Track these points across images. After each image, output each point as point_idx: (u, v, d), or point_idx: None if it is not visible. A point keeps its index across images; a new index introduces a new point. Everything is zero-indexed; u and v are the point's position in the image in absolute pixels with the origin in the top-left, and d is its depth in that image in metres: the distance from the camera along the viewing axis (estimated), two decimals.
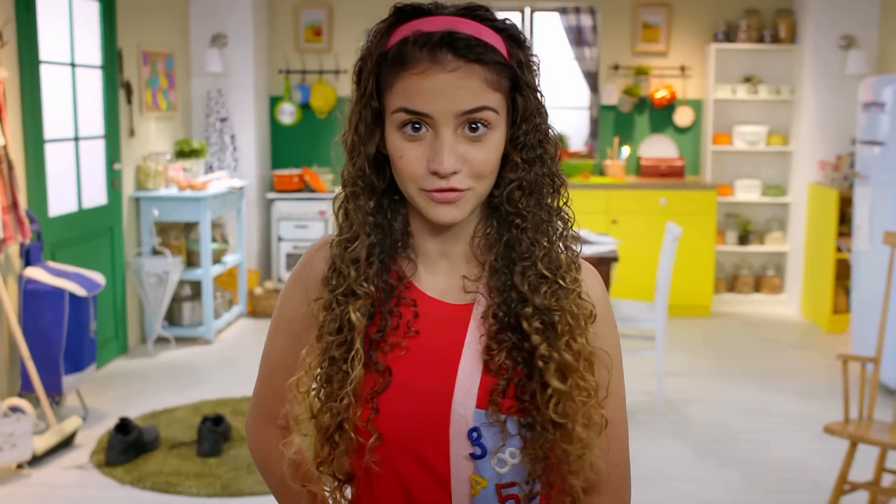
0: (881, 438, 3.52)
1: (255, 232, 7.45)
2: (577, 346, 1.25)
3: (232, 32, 7.16)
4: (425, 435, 1.27)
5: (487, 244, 1.30)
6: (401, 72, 1.21)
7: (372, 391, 1.27)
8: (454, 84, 1.19)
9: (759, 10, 7.41)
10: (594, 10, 7.48)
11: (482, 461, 1.26)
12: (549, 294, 1.26)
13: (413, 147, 1.21)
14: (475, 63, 1.19)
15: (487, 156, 1.22)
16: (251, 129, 7.32)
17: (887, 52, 6.88)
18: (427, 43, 1.20)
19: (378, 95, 1.25)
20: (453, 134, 1.20)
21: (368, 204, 1.28)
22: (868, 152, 5.42)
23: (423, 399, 1.27)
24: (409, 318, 1.29)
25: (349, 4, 7.56)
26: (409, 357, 1.28)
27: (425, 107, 1.19)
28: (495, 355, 1.26)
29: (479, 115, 1.20)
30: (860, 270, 5.57)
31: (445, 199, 1.22)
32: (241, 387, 5.37)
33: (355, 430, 1.26)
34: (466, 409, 1.26)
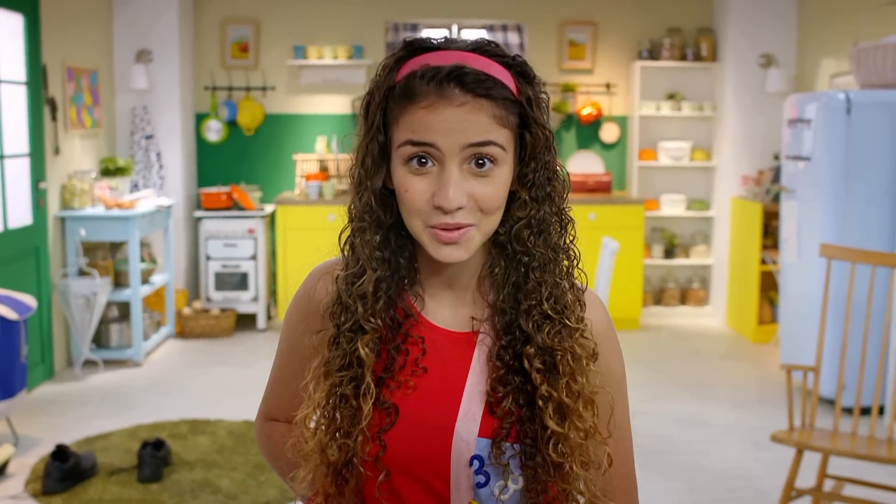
0: (824, 445, 3.62)
1: (183, 251, 7.31)
2: (576, 387, 1.26)
3: (157, 48, 7.04)
4: (429, 464, 1.27)
5: (494, 283, 1.30)
6: (408, 105, 1.20)
7: (379, 429, 1.26)
8: (462, 118, 1.18)
9: (681, 29, 7.59)
10: (521, 27, 7.57)
11: (484, 490, 1.26)
12: (553, 334, 1.26)
13: (418, 181, 1.20)
14: (483, 98, 1.18)
15: (494, 192, 1.21)
16: (177, 147, 7.19)
17: (805, 70, 7.11)
18: (435, 77, 1.18)
19: (385, 129, 1.24)
20: (459, 169, 1.19)
21: (375, 238, 1.27)
22: (794, 167, 5.58)
23: (427, 430, 1.27)
24: (417, 356, 1.29)
25: (276, 20, 7.51)
26: (415, 393, 1.28)
27: (431, 138, 1.18)
28: (500, 398, 1.26)
29: (485, 149, 1.19)
30: (787, 282, 5.72)
31: (450, 240, 1.21)
32: (177, 410, 5.25)
33: (363, 465, 1.26)
34: (469, 434, 1.26)
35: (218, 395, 5.59)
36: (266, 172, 7.65)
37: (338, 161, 7.55)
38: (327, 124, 7.63)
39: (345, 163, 7.58)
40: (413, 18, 7.52)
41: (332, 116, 7.63)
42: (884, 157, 5.11)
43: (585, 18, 7.60)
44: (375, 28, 7.55)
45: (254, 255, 7.14)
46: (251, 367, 6.26)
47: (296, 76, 7.57)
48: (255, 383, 5.83)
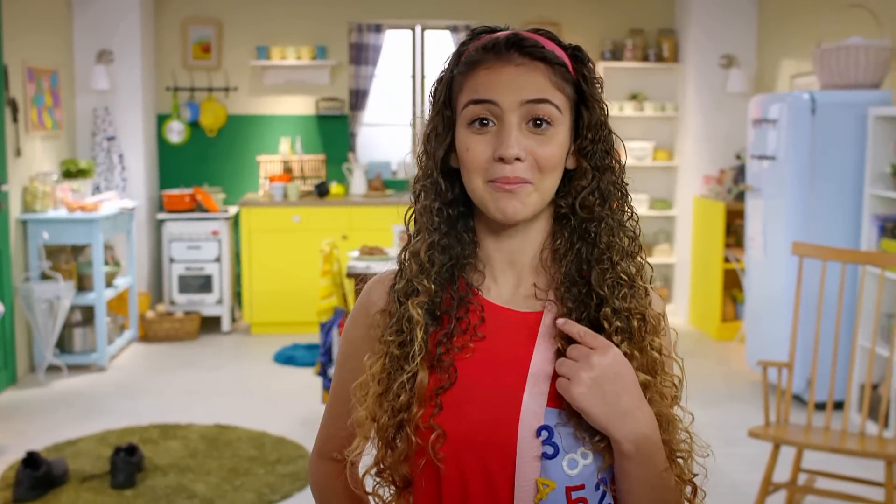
0: (800, 439, 3.67)
1: (146, 254, 7.23)
2: (657, 345, 1.30)
3: (118, 48, 6.95)
4: (492, 435, 1.26)
5: (556, 256, 1.32)
6: (471, 72, 1.28)
7: (436, 388, 1.27)
8: (519, 77, 1.25)
9: (643, 30, 7.65)
10: None
11: (552, 462, 1.25)
12: (629, 297, 1.29)
13: (479, 139, 1.26)
14: (539, 61, 1.26)
15: (551, 150, 1.26)
16: (139, 148, 7.11)
17: (765, 70, 7.21)
18: (494, 45, 1.27)
19: (451, 104, 1.31)
20: (518, 126, 1.25)
21: (434, 205, 1.32)
22: (758, 166, 5.66)
23: (491, 398, 1.27)
24: (476, 323, 1.31)
25: (239, 21, 7.45)
26: (475, 358, 1.29)
27: (491, 94, 1.25)
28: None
29: (542, 108, 1.25)
30: (753, 280, 5.80)
31: (511, 189, 1.25)
32: (145, 414, 5.19)
33: (416, 432, 1.26)
34: (538, 405, 1.26)
35: (186, 399, 5.53)
36: (229, 174, 7.59)
37: (302, 162, 7.51)
38: (291, 125, 7.59)
39: (309, 163, 7.54)
40: (376, 19, 7.51)
41: (295, 117, 7.59)
42: (848, 157, 5.20)
43: (548, 19, 7.63)
44: (339, 28, 7.52)
45: (218, 257, 7.08)
46: (218, 370, 6.21)
47: (259, 77, 7.52)
48: (222, 386, 5.81)
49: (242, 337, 7.11)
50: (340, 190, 7.35)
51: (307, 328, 6.96)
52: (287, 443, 4.76)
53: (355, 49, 7.49)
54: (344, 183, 7.57)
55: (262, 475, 4.36)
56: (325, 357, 4.89)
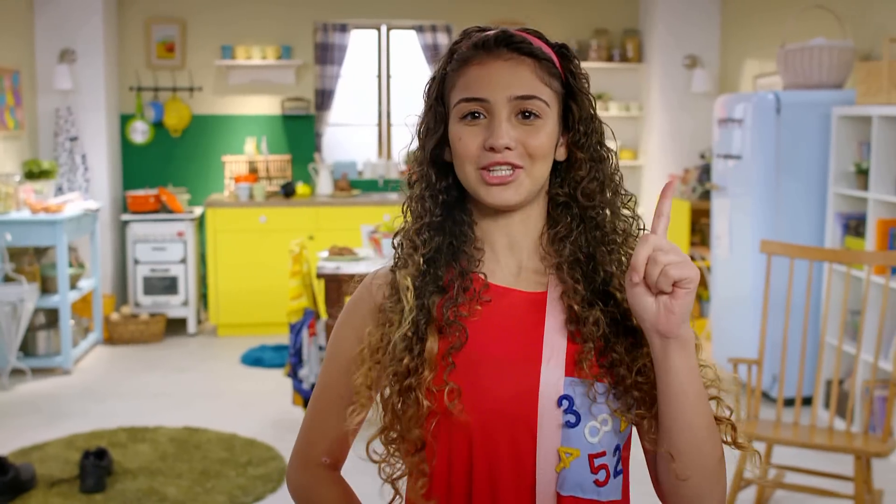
0: (770, 435, 3.72)
1: (110, 255, 7.15)
2: None
3: (81, 48, 6.87)
4: (513, 407, 1.28)
5: (558, 239, 1.35)
6: (462, 69, 1.33)
7: (448, 349, 1.30)
8: (508, 72, 1.30)
9: (608, 31, 7.70)
10: (450, 28, 7.59)
11: (574, 431, 1.27)
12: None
13: (471, 130, 1.31)
14: (527, 56, 1.31)
15: (540, 139, 1.31)
16: (103, 149, 7.03)
17: (728, 71, 7.28)
18: (484, 43, 1.32)
19: (443, 101, 1.35)
20: (508, 117, 1.30)
21: (426, 192, 1.36)
22: (724, 165, 5.71)
23: (507, 370, 1.29)
24: (480, 288, 1.34)
25: (203, 20, 7.39)
26: (484, 323, 1.32)
27: (482, 92, 1.30)
28: (582, 326, 1.30)
29: (530, 103, 1.30)
30: (719, 278, 5.86)
31: (501, 181, 1.29)
32: (112, 418, 5.13)
33: (427, 395, 1.27)
34: (557, 376, 1.28)
35: (153, 402, 5.48)
36: (194, 174, 7.53)
37: (267, 162, 7.47)
38: (256, 125, 7.55)
39: (275, 163, 7.50)
40: (342, 19, 7.48)
41: (261, 117, 7.55)
42: (812, 155, 5.26)
43: (513, 19, 7.64)
44: (304, 28, 7.49)
45: (183, 258, 7.02)
46: (184, 372, 6.15)
47: (224, 77, 7.47)
48: (188, 388, 5.77)
49: (209, 339, 7.05)
50: (307, 190, 7.32)
51: (274, 329, 6.93)
52: (258, 444, 4.74)
53: (321, 49, 7.47)
54: (310, 183, 7.55)
55: (234, 477, 4.33)
56: (294, 358, 4.86)
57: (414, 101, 5.71)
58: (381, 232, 5.14)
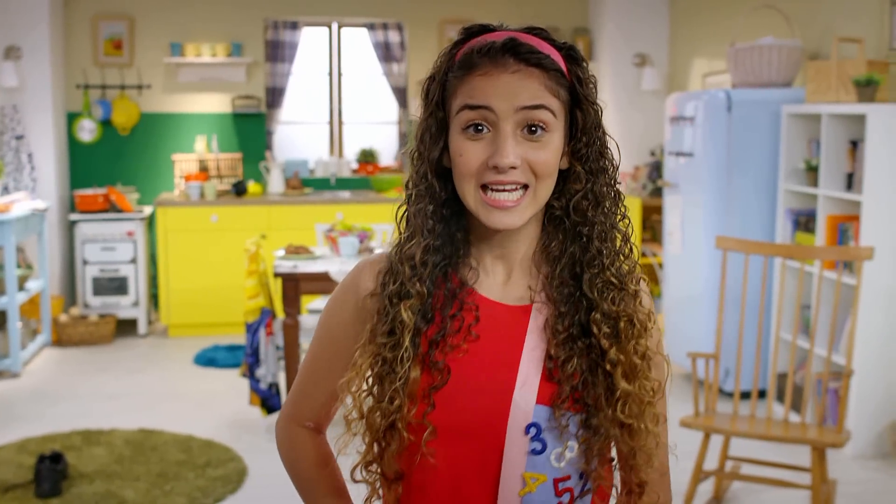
0: (728, 428, 3.78)
1: (58, 256, 7.03)
2: (641, 348, 1.32)
3: (27, 45, 6.74)
4: (481, 429, 1.29)
5: (549, 257, 1.34)
6: (465, 76, 1.28)
7: (429, 388, 1.29)
8: (515, 83, 1.25)
9: (558, 29, 7.74)
10: (402, 26, 7.58)
11: (540, 457, 1.29)
12: (618, 300, 1.31)
13: (473, 145, 1.27)
14: (535, 67, 1.26)
15: (546, 157, 1.27)
16: (50, 147, 6.91)
17: (677, 69, 7.38)
18: (490, 50, 1.27)
19: (444, 105, 1.30)
20: (513, 133, 1.25)
21: (428, 208, 1.31)
22: (675, 163, 5.79)
23: (481, 394, 1.30)
24: (471, 322, 1.32)
25: (151, 17, 7.29)
26: (468, 357, 1.31)
27: (486, 100, 1.25)
28: (562, 362, 1.30)
29: (537, 113, 1.26)
30: (671, 274, 5.93)
31: (503, 205, 1.26)
32: (65, 421, 5.05)
33: (408, 428, 1.28)
34: (527, 402, 1.29)
35: (107, 404, 5.40)
36: (144, 173, 7.43)
37: (218, 161, 7.40)
38: (207, 123, 7.47)
39: (226, 162, 7.43)
40: (293, 16, 7.44)
41: (211, 115, 7.48)
42: (763, 152, 5.35)
43: (465, 17, 7.65)
44: (254, 25, 7.43)
45: (133, 258, 6.93)
46: (136, 373, 6.07)
47: (173, 74, 7.38)
48: (142, 390, 5.69)
49: (160, 339, 6.97)
50: (258, 189, 7.26)
51: (227, 329, 6.87)
52: (215, 445, 4.69)
53: (271, 46, 7.41)
54: (261, 182, 7.49)
55: (193, 479, 4.28)
56: (251, 358, 4.83)
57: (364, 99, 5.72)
58: (338, 230, 5.12)
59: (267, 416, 4.87)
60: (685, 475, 4.09)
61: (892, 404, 4.58)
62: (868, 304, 4.44)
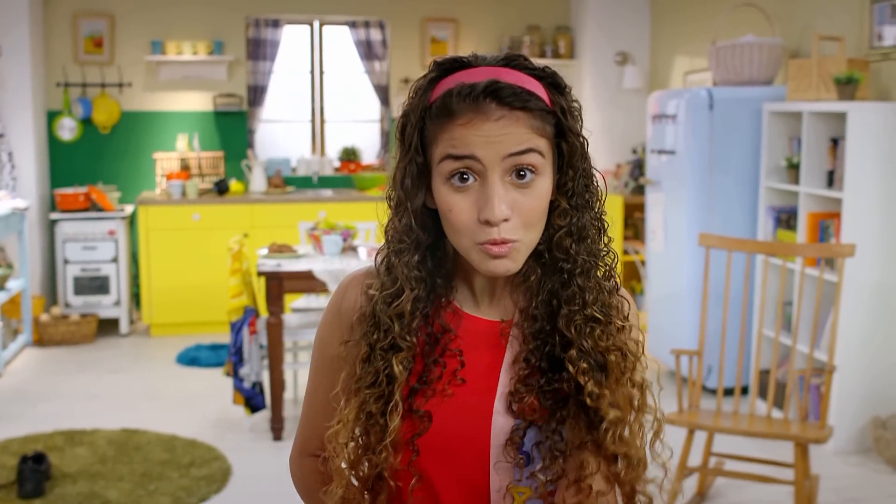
0: (712, 424, 3.81)
1: (38, 255, 6.98)
2: (637, 379, 1.29)
3: (5, 42, 6.69)
4: (465, 453, 1.29)
5: (528, 291, 1.31)
6: (446, 124, 1.21)
7: (412, 436, 1.28)
8: (500, 131, 1.19)
9: (540, 27, 7.76)
10: (383, 24, 7.58)
11: (525, 471, 1.28)
12: (603, 335, 1.27)
13: (462, 199, 1.21)
14: (520, 110, 1.19)
15: (536, 203, 1.22)
16: (30, 146, 6.86)
17: (658, 67, 7.40)
18: (471, 94, 1.19)
19: (423, 150, 1.25)
20: (501, 181, 1.20)
21: (414, 259, 1.28)
22: (658, 160, 5.81)
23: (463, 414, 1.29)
24: (455, 368, 1.30)
25: (132, 15, 7.25)
26: (451, 399, 1.30)
27: (471, 150, 1.19)
28: (522, 398, 1.28)
29: (525, 158, 1.20)
30: (654, 271, 5.96)
31: (500, 254, 1.22)
32: (47, 421, 5.02)
33: (393, 476, 1.28)
34: (507, 421, 1.29)
35: (89, 404, 5.37)
36: (125, 172, 7.39)
37: (199, 159, 7.37)
38: (188, 121, 7.44)
39: (207, 160, 7.40)
40: (274, 14, 7.42)
41: (193, 113, 7.44)
42: (744, 150, 5.38)
43: (447, 16, 7.67)
44: (236, 23, 7.40)
45: (115, 257, 6.89)
46: (118, 373, 6.05)
47: (154, 72, 7.35)
48: (124, 390, 5.67)
49: (142, 339, 6.94)
50: (240, 187, 7.24)
51: (209, 328, 6.85)
52: (199, 445, 4.68)
53: (253, 44, 7.40)
54: (243, 180, 7.47)
55: (177, 479, 4.27)
56: (235, 357, 4.81)
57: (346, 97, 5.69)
58: (321, 229, 5.11)
59: (251, 415, 4.86)
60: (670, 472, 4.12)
61: (873, 400, 4.62)
62: (850, 301, 4.47)
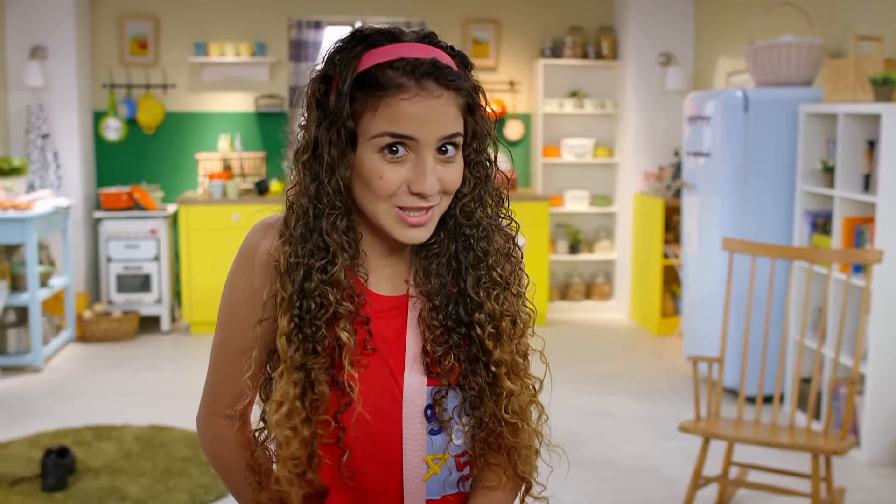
0: (730, 433, 3.72)
1: (82, 253, 7.12)
2: (523, 347, 1.37)
3: (52, 44, 6.83)
4: (380, 423, 1.32)
5: (429, 252, 1.36)
6: (384, 97, 1.24)
7: (336, 410, 1.30)
8: (439, 110, 1.25)
9: (583, 28, 7.70)
10: (424, 24, 7.57)
11: (439, 437, 1.33)
12: (502, 300, 1.34)
13: (393, 168, 1.25)
14: (454, 91, 1.26)
15: (457, 174, 1.30)
16: (75, 146, 7.00)
17: (702, 68, 7.29)
18: (415, 71, 1.24)
19: (352, 117, 1.26)
20: (433, 157, 1.26)
21: (343, 224, 1.30)
22: (694, 163, 5.72)
23: (376, 386, 1.32)
24: (365, 337, 1.33)
25: (176, 17, 7.36)
26: (367, 371, 1.33)
27: (412, 131, 1.24)
28: (438, 358, 1.33)
29: (454, 138, 1.28)
30: (690, 275, 5.86)
31: (419, 222, 1.27)
32: (79, 416, 5.11)
33: (322, 448, 1.31)
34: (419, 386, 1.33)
35: (122, 400, 5.46)
36: (168, 172, 7.50)
37: (241, 160, 7.45)
38: (230, 122, 7.52)
39: (249, 161, 7.48)
40: (316, 15, 7.46)
41: (235, 114, 7.53)
42: (780, 152, 5.27)
43: (488, 17, 7.65)
44: (278, 25, 7.46)
45: (156, 255, 7.00)
46: (155, 370, 6.13)
47: (197, 73, 7.44)
48: (157, 386, 5.74)
49: (182, 336, 7.03)
50: (280, 187, 7.29)
51: None
52: None
53: (295, 45, 7.44)
54: (284, 180, 7.52)
55: (197, 475, 4.31)
56: None
57: None
58: None
59: None
60: (686, 480, 4.04)
61: None
62: (881, 308, 4.35)
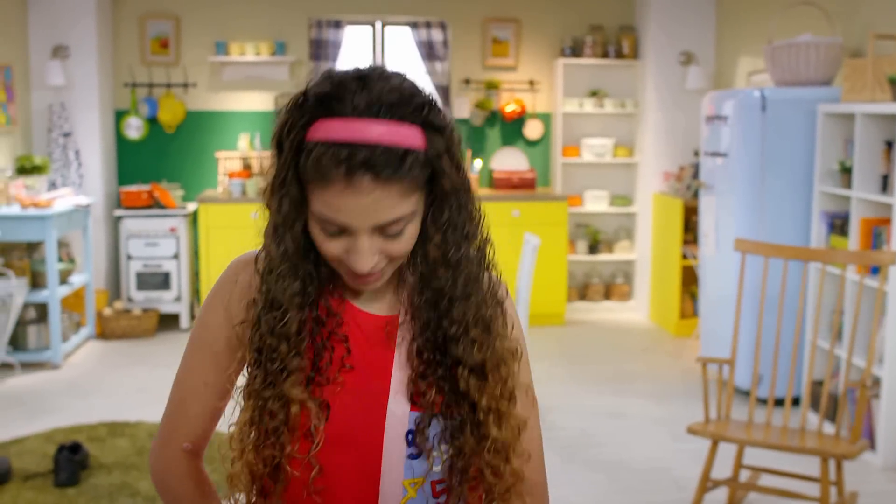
0: (739, 436, 3.69)
1: (103, 251, 7.18)
2: (507, 391, 1.31)
3: (74, 44, 6.90)
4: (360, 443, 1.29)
5: (411, 286, 1.33)
6: (318, 182, 1.19)
7: (310, 426, 1.26)
8: (371, 204, 1.18)
9: (603, 27, 7.66)
10: (445, 24, 7.57)
11: (417, 462, 1.30)
12: (485, 349, 1.30)
13: (331, 242, 1.23)
14: (393, 182, 1.18)
15: (404, 246, 1.25)
16: (96, 145, 7.05)
17: (723, 67, 7.24)
18: (345, 164, 1.16)
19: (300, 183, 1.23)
20: (370, 237, 1.21)
21: (294, 285, 1.27)
22: (712, 163, 5.67)
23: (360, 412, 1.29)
24: (343, 354, 1.30)
25: (197, 16, 7.40)
26: (345, 388, 1.30)
27: (342, 220, 1.20)
28: (422, 391, 1.30)
29: (394, 225, 1.21)
30: (707, 275, 5.82)
31: (366, 283, 1.27)
32: (95, 413, 5.15)
33: (291, 463, 1.27)
34: (402, 410, 1.30)
35: (139, 397, 5.49)
36: (188, 170, 7.55)
37: (261, 159, 7.48)
38: (250, 121, 7.56)
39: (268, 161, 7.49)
40: (336, 15, 7.48)
41: (255, 113, 7.56)
42: (798, 153, 5.22)
43: (508, 16, 7.63)
44: (298, 24, 7.49)
45: (176, 253, 7.04)
46: (173, 367, 6.00)
47: (218, 73, 7.48)
48: None
49: None
50: None
51: None
52: None
53: (315, 45, 7.46)
54: None
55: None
56: None
57: None
58: None
59: None
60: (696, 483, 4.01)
61: None
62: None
